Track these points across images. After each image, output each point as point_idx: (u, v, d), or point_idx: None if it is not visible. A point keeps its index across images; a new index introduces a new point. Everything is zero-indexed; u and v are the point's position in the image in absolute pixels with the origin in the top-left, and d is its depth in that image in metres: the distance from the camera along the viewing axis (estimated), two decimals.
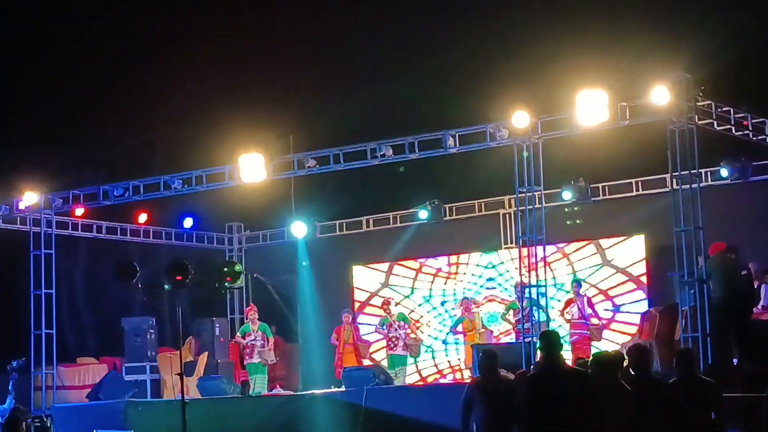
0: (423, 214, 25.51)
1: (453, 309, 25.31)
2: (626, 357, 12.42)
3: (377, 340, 25.13)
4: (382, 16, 26.39)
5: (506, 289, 24.80)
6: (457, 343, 25.08)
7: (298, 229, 26.80)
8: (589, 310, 21.68)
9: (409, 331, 23.03)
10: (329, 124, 24.50)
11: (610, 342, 22.45)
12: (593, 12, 23.69)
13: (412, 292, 26.25)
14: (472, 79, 24.72)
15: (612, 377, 11.38)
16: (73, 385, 23.76)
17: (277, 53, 27.35)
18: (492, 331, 23.97)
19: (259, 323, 23.01)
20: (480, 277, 25.55)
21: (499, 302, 24.86)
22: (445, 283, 26.00)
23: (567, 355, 18.94)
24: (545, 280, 19.77)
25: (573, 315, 21.55)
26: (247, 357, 23.11)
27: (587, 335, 21.44)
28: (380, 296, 25.97)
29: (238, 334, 23.94)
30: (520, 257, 19.74)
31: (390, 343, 23.03)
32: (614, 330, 23.20)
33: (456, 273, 25.90)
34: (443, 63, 25.66)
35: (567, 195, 23.67)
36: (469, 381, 21.96)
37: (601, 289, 23.83)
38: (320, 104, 26.13)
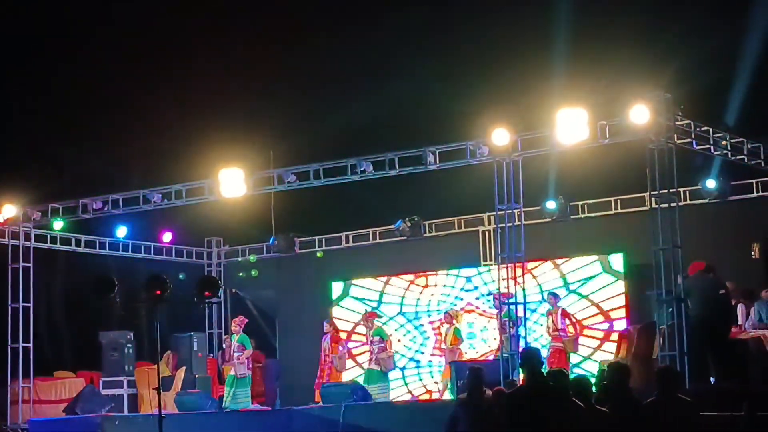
0: (403, 230, 25.50)
1: (428, 324, 25.36)
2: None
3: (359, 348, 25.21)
4: (364, 33, 26.40)
5: (488, 300, 24.79)
6: (430, 365, 25.13)
7: (277, 244, 26.76)
8: (566, 322, 21.67)
9: (384, 346, 22.86)
10: (309, 139, 24.48)
11: (591, 364, 22.51)
12: (573, 31, 23.77)
13: (379, 304, 26.22)
14: (453, 96, 24.76)
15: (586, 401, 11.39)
16: (49, 399, 23.65)
17: (257, 68, 27.32)
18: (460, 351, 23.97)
19: (240, 335, 22.88)
20: (456, 288, 25.57)
21: (479, 314, 24.86)
22: (421, 293, 25.99)
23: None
24: (524, 295, 19.80)
25: (549, 327, 21.61)
26: (227, 368, 23.02)
27: (560, 347, 21.46)
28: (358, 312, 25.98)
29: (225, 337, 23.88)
30: (498, 274, 19.75)
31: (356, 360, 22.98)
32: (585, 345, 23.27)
33: (428, 285, 25.89)
34: (424, 80, 25.69)
35: (546, 213, 23.75)
36: (439, 396, 22.17)
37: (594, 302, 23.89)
38: (300, 119, 26.13)
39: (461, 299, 25.42)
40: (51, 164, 26.14)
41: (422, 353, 25.81)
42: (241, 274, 27.26)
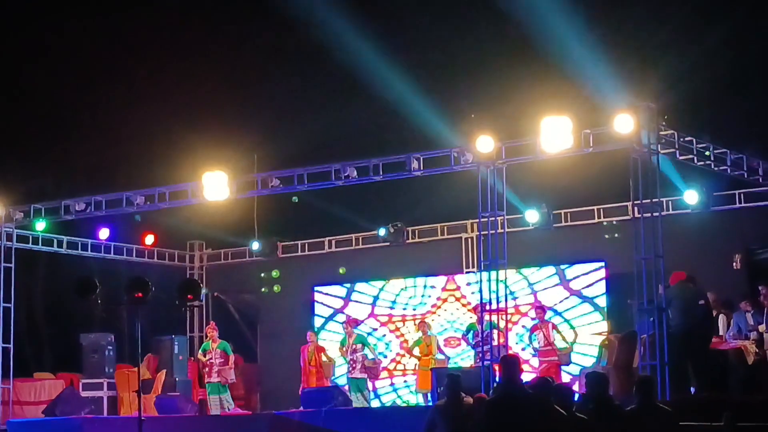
0: (386, 236, 25.55)
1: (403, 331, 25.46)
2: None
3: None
4: (348, 37, 26.41)
5: (466, 312, 24.85)
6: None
7: (260, 248, 26.78)
8: (555, 336, 21.66)
9: (367, 352, 22.85)
10: (294, 144, 24.48)
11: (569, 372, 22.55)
12: (558, 39, 23.81)
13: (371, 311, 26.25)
14: (438, 102, 24.78)
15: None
16: (29, 400, 23.58)
17: (242, 72, 27.34)
18: (448, 358, 24.00)
19: (219, 341, 22.84)
20: (429, 297, 25.62)
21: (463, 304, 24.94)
22: (404, 308, 26.02)
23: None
24: (506, 303, 19.82)
25: (540, 342, 21.54)
26: (206, 376, 22.91)
27: (556, 361, 21.40)
28: (344, 314, 25.97)
29: (199, 352, 23.80)
30: (481, 281, 19.76)
31: (349, 365, 22.86)
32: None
33: (413, 295, 25.93)
34: (409, 86, 25.69)
35: (529, 220, 23.80)
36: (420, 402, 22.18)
37: (561, 314, 23.89)
38: (285, 124, 26.11)
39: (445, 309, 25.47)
40: (34, 165, 26.07)
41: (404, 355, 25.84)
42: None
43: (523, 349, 23.51)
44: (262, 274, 27.55)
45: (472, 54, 25.23)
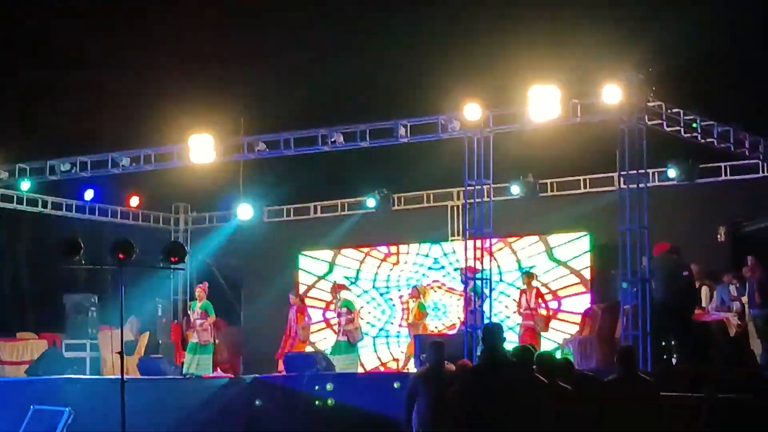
0: (371, 202, 25.59)
1: (399, 298, 25.42)
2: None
3: (318, 322, 25.28)
4: (339, 2, 26.36)
5: (454, 278, 24.83)
6: (398, 336, 25.22)
7: (245, 212, 26.78)
8: (538, 302, 21.68)
9: (352, 317, 22.87)
10: (280, 108, 24.44)
11: (553, 340, 22.56)
12: (548, 7, 23.78)
13: (356, 279, 26.22)
14: (426, 69, 24.75)
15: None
16: (11, 360, 23.55)
17: (231, 35, 27.24)
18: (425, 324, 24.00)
19: (204, 301, 22.81)
20: (422, 266, 25.60)
21: (446, 291, 24.92)
22: (391, 269, 26.00)
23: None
24: (490, 271, 19.84)
25: (522, 307, 21.60)
26: (189, 336, 22.95)
27: (532, 326, 21.45)
28: (328, 281, 25.96)
29: (189, 309, 23.79)
30: (465, 249, 19.76)
31: (334, 328, 22.93)
32: (555, 328, 23.30)
33: (397, 263, 25.91)
34: (397, 52, 25.66)
35: (515, 189, 23.82)
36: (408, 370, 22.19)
37: (545, 284, 23.89)
38: (272, 88, 26.04)
39: (426, 276, 25.45)
40: (20, 124, 25.98)
41: (391, 324, 25.83)
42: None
43: (513, 312, 23.60)
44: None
45: (461, 21, 25.19)
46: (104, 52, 26.93)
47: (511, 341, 20.29)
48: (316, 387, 19.52)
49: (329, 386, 19.44)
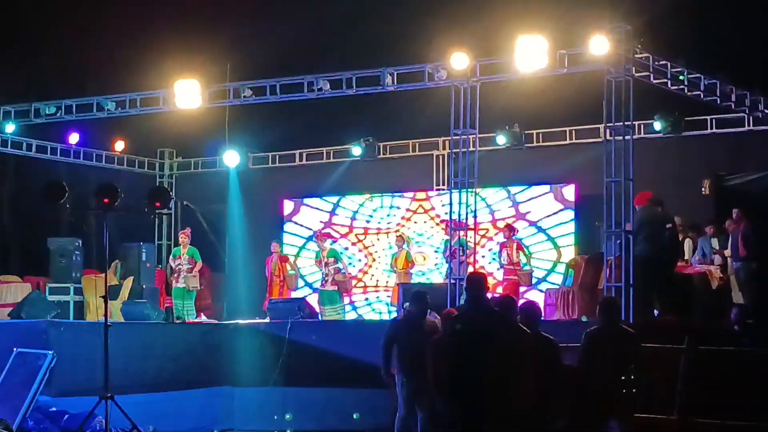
0: (356, 150, 25.62)
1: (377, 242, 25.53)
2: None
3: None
4: None
5: (439, 231, 24.92)
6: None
7: (230, 158, 26.77)
8: (520, 256, 21.73)
9: (340, 266, 22.94)
10: (267, 54, 24.32)
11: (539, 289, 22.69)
12: None
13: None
14: (414, 17, 24.64)
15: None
16: None
17: None
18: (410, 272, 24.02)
19: (189, 247, 22.83)
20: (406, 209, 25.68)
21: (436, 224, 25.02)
22: (379, 222, 26.05)
23: None
24: (475, 222, 19.88)
25: (504, 261, 21.64)
26: (174, 281, 22.97)
27: (515, 281, 21.53)
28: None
29: (170, 257, 23.82)
30: (451, 199, 19.78)
31: (322, 278, 22.96)
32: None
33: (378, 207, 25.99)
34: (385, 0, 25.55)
35: (501, 139, 23.83)
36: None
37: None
38: (258, 33, 25.90)
39: (415, 222, 25.52)
40: (4, 65, 25.82)
41: (372, 276, 25.91)
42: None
43: (491, 263, 23.67)
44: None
45: None
46: None
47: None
48: None
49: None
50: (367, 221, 26.16)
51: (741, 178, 22.50)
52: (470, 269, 19.30)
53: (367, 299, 25.88)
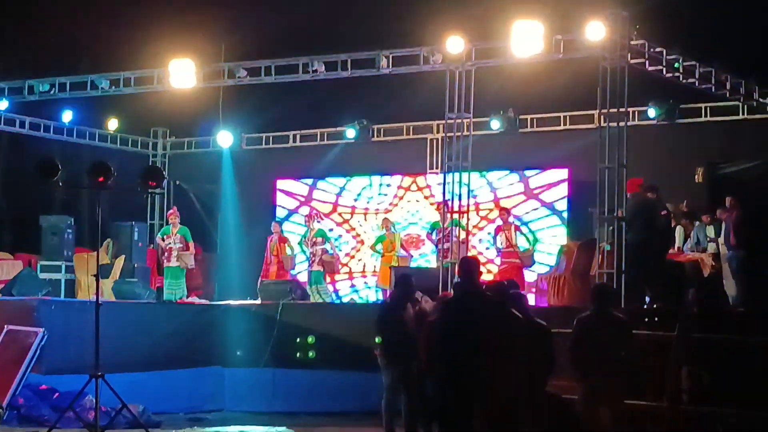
0: (351, 133, 25.63)
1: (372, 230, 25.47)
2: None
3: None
4: None
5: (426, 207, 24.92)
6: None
7: (224, 138, 26.74)
8: (519, 237, 21.69)
9: (328, 247, 22.96)
10: (262, 35, 24.29)
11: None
12: None
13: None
14: (410, 0, 24.59)
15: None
16: None
17: None
18: (411, 256, 24.04)
19: (179, 227, 22.79)
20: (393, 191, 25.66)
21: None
22: (368, 202, 26.01)
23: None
24: (468, 205, 19.87)
25: (502, 244, 21.57)
26: (165, 261, 22.91)
27: (517, 263, 21.43)
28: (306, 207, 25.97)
29: (158, 236, 23.76)
30: (444, 182, 19.78)
31: (308, 258, 22.98)
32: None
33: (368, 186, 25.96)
34: None
35: (495, 124, 23.82)
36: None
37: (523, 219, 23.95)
38: (254, 14, 25.86)
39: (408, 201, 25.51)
40: None
41: (359, 260, 25.88)
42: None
43: (487, 249, 23.66)
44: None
45: None
46: None
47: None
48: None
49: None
50: (355, 200, 26.09)
51: (734, 167, 22.52)
52: (464, 251, 19.30)
53: (353, 286, 25.79)
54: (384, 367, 14.14)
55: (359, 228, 26.00)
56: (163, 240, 22.92)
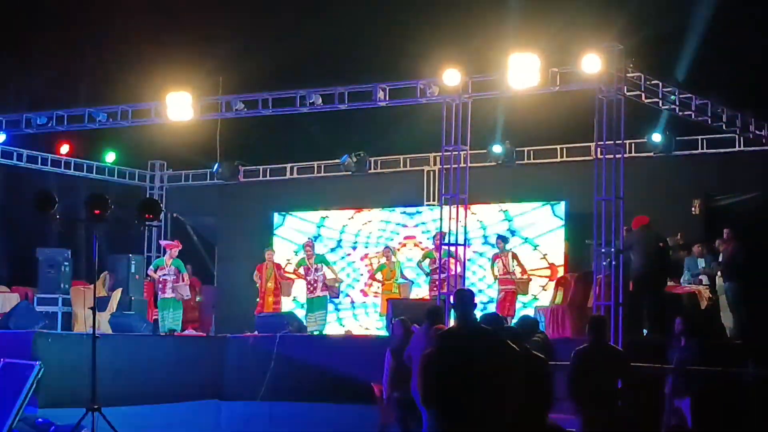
0: (348, 165, 25.58)
1: (373, 258, 25.40)
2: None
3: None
4: None
5: (428, 239, 24.87)
6: (365, 306, 25.24)
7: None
8: (515, 266, 21.65)
9: (329, 272, 22.97)
10: (260, 68, 24.35)
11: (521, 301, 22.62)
12: None
13: (338, 245, 26.20)
14: (406, 33, 24.68)
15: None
16: None
17: None
18: (411, 282, 23.93)
19: (174, 259, 22.77)
20: (403, 226, 25.58)
21: (420, 248, 24.88)
22: (368, 236, 25.98)
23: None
24: (465, 237, 19.86)
25: (499, 271, 21.54)
26: (160, 293, 22.84)
27: (512, 290, 21.42)
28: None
29: (150, 268, 23.69)
30: (441, 214, 19.79)
31: (309, 286, 22.91)
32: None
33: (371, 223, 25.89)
34: (379, 15, 25.57)
35: (497, 149, 23.86)
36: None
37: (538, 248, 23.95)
38: (252, 47, 25.95)
39: (397, 234, 25.43)
40: None
41: (353, 288, 25.81)
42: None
43: (479, 280, 23.65)
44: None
45: None
46: (84, 7, 26.74)
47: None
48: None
49: None
50: (356, 237, 26.06)
51: (731, 199, 22.56)
52: (459, 282, 19.30)
53: (354, 314, 25.76)
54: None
55: (359, 263, 25.94)
56: (156, 272, 22.86)
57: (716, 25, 22.51)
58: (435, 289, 20.23)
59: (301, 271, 23.08)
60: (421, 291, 23.72)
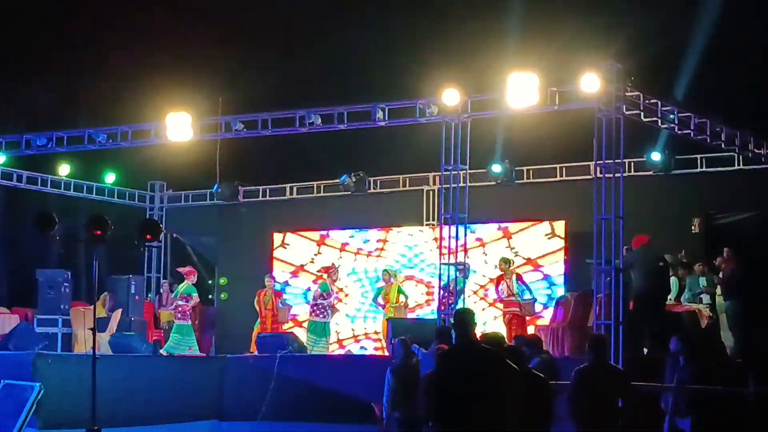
0: (347, 185, 25.58)
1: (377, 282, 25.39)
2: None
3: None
4: None
5: (423, 269, 24.84)
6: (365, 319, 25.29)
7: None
8: (520, 286, 21.61)
9: (333, 300, 23.10)
10: (259, 88, 24.40)
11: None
12: None
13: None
14: (405, 53, 24.73)
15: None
16: None
17: (210, 14, 27.16)
18: (407, 305, 23.90)
19: (187, 285, 22.99)
20: (404, 255, 25.52)
21: (416, 283, 24.87)
22: (366, 260, 25.93)
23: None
24: (465, 256, 19.85)
25: (504, 293, 21.49)
26: (175, 319, 23.19)
27: (517, 312, 21.35)
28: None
29: (183, 293, 23.59)
30: (440, 234, 19.78)
31: (317, 309, 22.92)
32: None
33: (382, 249, 25.76)
34: (378, 35, 25.63)
35: (492, 176, 23.86)
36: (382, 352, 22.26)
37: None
38: (251, 68, 26.01)
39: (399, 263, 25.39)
40: None
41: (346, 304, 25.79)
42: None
43: (476, 302, 23.62)
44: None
45: (441, 6, 25.16)
46: (83, 28, 26.82)
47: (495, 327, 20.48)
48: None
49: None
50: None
51: (731, 217, 22.57)
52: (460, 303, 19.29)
53: (362, 347, 25.64)
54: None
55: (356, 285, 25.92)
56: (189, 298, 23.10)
57: (715, 44, 22.56)
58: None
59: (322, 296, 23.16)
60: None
